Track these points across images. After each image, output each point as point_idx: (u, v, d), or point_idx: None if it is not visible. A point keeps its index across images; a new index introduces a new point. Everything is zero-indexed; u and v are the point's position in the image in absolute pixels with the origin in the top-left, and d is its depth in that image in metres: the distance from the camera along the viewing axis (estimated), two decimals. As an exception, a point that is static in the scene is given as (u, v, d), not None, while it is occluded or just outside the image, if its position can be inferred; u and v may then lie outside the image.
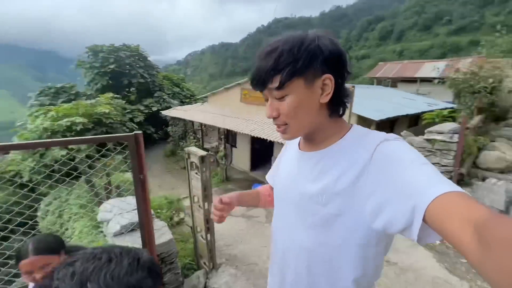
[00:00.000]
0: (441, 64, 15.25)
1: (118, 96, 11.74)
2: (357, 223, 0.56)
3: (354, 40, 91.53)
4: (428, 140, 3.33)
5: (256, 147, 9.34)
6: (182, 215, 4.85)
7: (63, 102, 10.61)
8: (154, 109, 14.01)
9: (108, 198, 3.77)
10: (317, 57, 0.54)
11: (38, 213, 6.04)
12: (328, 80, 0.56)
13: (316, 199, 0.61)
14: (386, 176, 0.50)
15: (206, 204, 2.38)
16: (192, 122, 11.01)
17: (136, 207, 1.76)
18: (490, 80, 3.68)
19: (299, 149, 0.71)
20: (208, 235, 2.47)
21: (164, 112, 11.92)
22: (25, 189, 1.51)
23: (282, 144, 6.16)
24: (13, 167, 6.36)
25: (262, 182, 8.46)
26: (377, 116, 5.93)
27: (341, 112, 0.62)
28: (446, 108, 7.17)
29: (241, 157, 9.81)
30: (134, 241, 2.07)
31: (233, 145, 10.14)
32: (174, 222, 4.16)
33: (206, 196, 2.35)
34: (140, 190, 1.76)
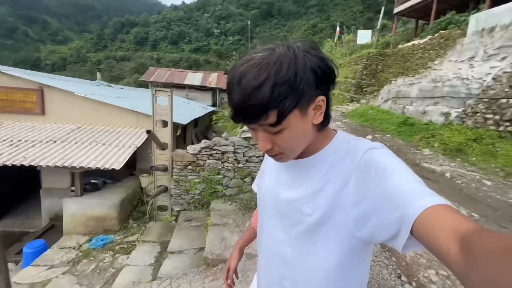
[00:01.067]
0: (199, 75, 18.84)
1: None
2: (341, 233, 0.55)
3: (109, 39, 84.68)
4: (244, 139, 4.04)
5: (-3, 182, 5.61)
6: None
7: None
8: None
9: None
10: (313, 84, 0.50)
11: None
12: (322, 102, 0.54)
13: (300, 208, 0.59)
14: (372, 185, 0.50)
15: None
16: None
17: None
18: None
19: None
20: None
21: None
22: None
23: (55, 168, 4.22)
24: None
25: (24, 234, 5.31)
26: (183, 120, 6.04)
27: (327, 123, 0.61)
28: (213, 111, 9.33)
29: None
30: None
31: None
32: None
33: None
34: None
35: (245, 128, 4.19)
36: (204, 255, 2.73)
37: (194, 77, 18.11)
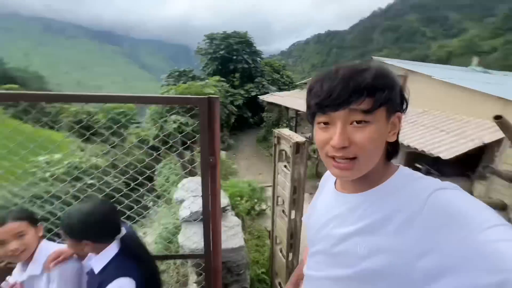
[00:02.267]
0: None
1: (223, 80, 12.66)
2: (405, 286, 0.45)
3: (519, 18, 66.44)
4: None
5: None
6: (263, 205, 4.41)
7: (183, 83, 12.35)
8: (253, 94, 14.39)
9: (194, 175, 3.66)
10: (400, 92, 0.51)
11: (156, 172, 7.26)
12: (397, 119, 0.52)
13: (353, 247, 0.52)
14: (446, 235, 0.41)
15: (293, 212, 1.64)
16: (287, 109, 10.49)
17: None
18: None
19: (335, 189, 0.63)
20: (290, 254, 1.75)
21: (262, 97, 11.95)
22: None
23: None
24: (144, 133, 8.85)
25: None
26: None
27: (395, 154, 0.56)
28: None
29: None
30: (201, 234, 1.56)
31: (329, 138, 9.00)
32: (254, 215, 3.73)
33: (295, 201, 1.61)
34: (209, 177, 1.22)
35: None
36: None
37: None
